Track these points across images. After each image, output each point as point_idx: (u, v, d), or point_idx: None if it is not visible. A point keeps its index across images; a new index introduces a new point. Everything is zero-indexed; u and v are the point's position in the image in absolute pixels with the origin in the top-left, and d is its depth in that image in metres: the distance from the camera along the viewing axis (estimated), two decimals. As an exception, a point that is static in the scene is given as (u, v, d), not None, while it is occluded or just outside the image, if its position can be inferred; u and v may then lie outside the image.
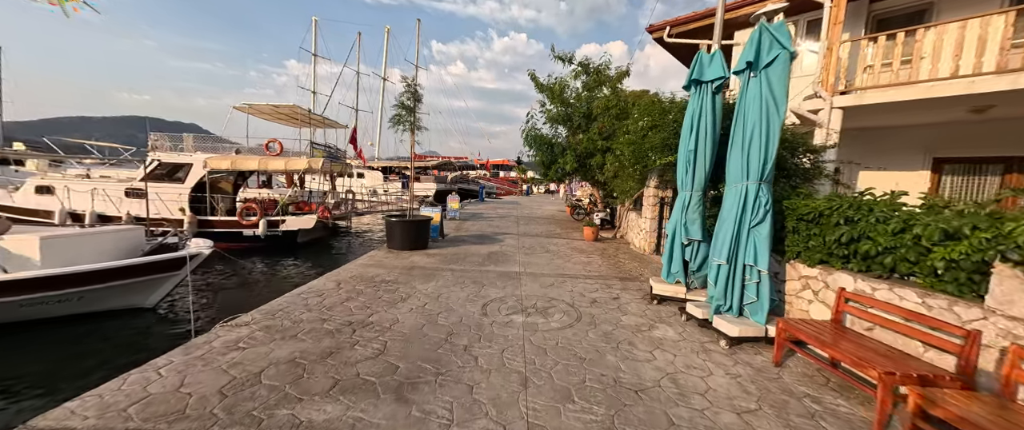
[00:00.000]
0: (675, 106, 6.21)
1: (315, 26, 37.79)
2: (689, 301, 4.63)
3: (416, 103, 7.66)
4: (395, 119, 7.58)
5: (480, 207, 19.84)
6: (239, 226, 10.36)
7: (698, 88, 4.73)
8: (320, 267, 9.61)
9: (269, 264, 9.77)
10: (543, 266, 6.88)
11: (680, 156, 4.98)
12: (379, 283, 5.32)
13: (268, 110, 14.70)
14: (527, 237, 10.33)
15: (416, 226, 7.88)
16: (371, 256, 7.09)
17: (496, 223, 13.13)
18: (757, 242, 3.65)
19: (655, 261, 7.66)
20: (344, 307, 4.28)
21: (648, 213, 8.43)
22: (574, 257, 7.85)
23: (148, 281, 5.62)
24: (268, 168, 10.95)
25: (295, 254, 10.77)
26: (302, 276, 8.55)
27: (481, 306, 4.56)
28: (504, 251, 8.16)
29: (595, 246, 9.35)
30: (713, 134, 4.68)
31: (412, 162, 8.15)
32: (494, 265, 6.79)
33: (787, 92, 3.59)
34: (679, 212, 4.90)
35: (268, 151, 14.07)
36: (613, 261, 7.58)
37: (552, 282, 5.80)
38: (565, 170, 13.79)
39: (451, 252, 7.77)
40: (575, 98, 12.64)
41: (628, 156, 6.88)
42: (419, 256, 7.26)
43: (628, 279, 6.19)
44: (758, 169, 3.68)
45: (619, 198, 11.93)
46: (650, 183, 8.29)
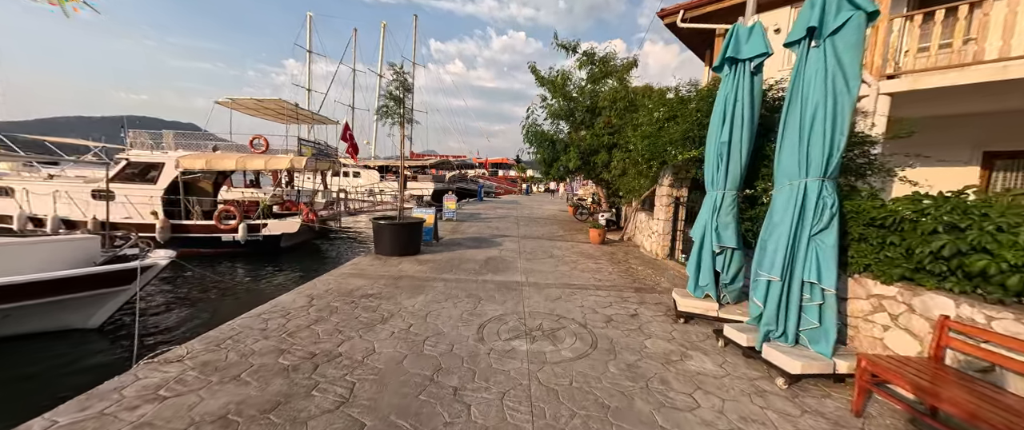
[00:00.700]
0: (699, 93, 5.47)
1: (310, 22, 36.96)
2: (724, 321, 3.90)
3: (406, 94, 6.89)
4: (382, 111, 6.81)
5: (478, 207, 19.09)
6: (216, 231, 9.59)
7: (733, 68, 3.99)
8: (304, 274, 8.86)
9: (248, 272, 9.01)
10: (547, 274, 6.15)
11: (709, 150, 4.24)
12: (359, 298, 4.57)
13: (252, 105, 13.92)
14: (528, 240, 9.59)
15: (406, 229, 7.13)
16: (354, 264, 6.34)
17: (495, 224, 12.39)
18: (820, 254, 2.92)
19: (670, 267, 6.94)
20: (310, 332, 3.53)
21: (661, 214, 7.70)
22: (581, 263, 7.11)
23: (90, 298, 4.86)
24: (247, 166, 10.18)
25: (278, 260, 10.01)
26: (280, 286, 7.78)
27: (477, 328, 3.82)
28: (504, 256, 7.42)
29: (602, 250, 8.62)
30: (750, 123, 3.95)
31: (402, 159, 7.38)
32: (493, 274, 6.05)
33: (861, 64, 2.85)
34: (709, 214, 4.16)
35: (252, 148, 13.30)
36: (624, 268, 6.85)
37: (559, 295, 5.06)
38: (568, 168, 13.07)
39: (445, 258, 7.02)
40: (578, 92, 11.91)
41: (642, 151, 6.14)
42: (409, 263, 6.52)
43: (644, 290, 5.45)
44: (821, 163, 2.94)
45: (625, 197, 11.21)
46: (664, 181, 7.56)
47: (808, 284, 2.97)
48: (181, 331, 5.62)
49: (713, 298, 4.20)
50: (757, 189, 4.25)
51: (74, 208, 9.29)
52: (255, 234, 9.84)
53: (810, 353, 2.96)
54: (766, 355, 3.08)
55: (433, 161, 33.43)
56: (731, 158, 4.01)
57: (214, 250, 9.95)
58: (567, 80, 10.25)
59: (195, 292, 7.55)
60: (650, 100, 8.68)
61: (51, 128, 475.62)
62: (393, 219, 7.43)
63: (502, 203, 23.07)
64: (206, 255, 9.95)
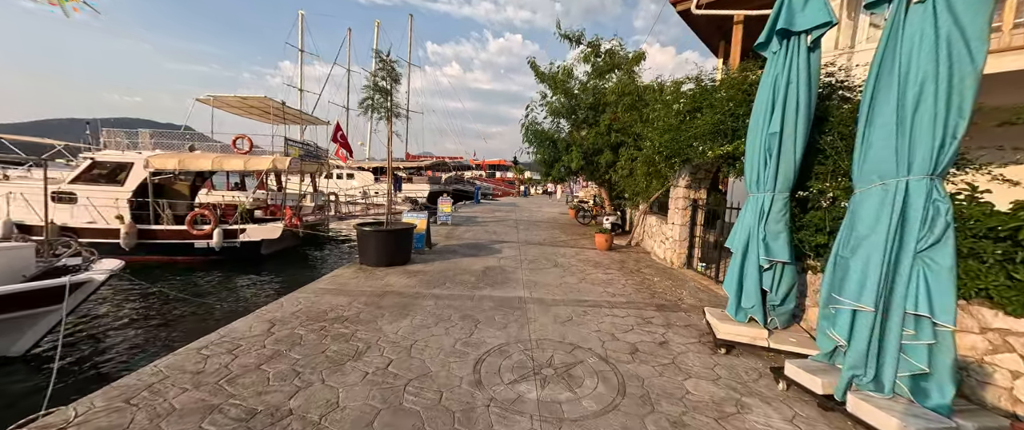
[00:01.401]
0: (729, 80, 4.76)
1: (302, 21, 36.18)
2: (778, 352, 3.17)
3: (394, 86, 6.14)
4: (366, 104, 6.05)
5: (475, 210, 18.33)
6: (189, 236, 8.77)
7: (785, 43, 3.28)
8: (282, 286, 8.06)
9: (219, 283, 8.18)
10: (554, 288, 5.40)
11: (751, 143, 3.52)
12: (331, 322, 3.80)
13: (235, 102, 13.10)
14: (529, 246, 8.84)
15: (394, 237, 6.36)
16: (334, 277, 5.55)
17: (493, 229, 11.63)
18: (931, 277, 2.19)
19: (689, 278, 6.21)
20: (259, 376, 2.76)
21: (677, 218, 6.97)
22: (589, 273, 6.37)
23: (9, 321, 4.05)
24: (224, 167, 9.38)
25: (258, 269, 9.19)
26: (250, 303, 6.93)
27: (473, 365, 3.06)
28: (503, 266, 6.66)
29: (610, 257, 7.88)
30: (807, 109, 3.24)
31: (390, 159, 6.62)
32: (491, 288, 5.29)
33: (989, 23, 2.13)
34: (754, 221, 3.43)
35: (235, 148, 12.50)
36: (638, 279, 6.11)
37: (569, 315, 4.31)
38: (570, 169, 12.36)
39: (438, 269, 6.25)
40: (580, 89, 11.24)
41: (660, 148, 5.42)
42: (397, 275, 5.74)
43: (667, 307, 4.71)
44: (930, 155, 2.21)
45: (632, 199, 10.51)
46: (679, 182, 6.84)
47: (913, 317, 2.24)
48: (113, 363, 4.76)
49: (759, 323, 3.47)
50: (811, 191, 3.53)
51: (31, 212, 8.45)
52: (232, 240, 9.03)
53: (919, 409, 2.22)
54: (854, 409, 2.34)
55: (429, 162, 32.61)
56: (783, 153, 3.29)
57: (187, 258, 9.13)
58: (569, 75, 9.52)
59: (153, 309, 6.66)
60: (663, 93, 8.01)
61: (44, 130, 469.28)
62: (380, 225, 6.66)
63: (500, 205, 22.32)
64: (179, 263, 9.13)
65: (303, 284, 5.40)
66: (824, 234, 3.43)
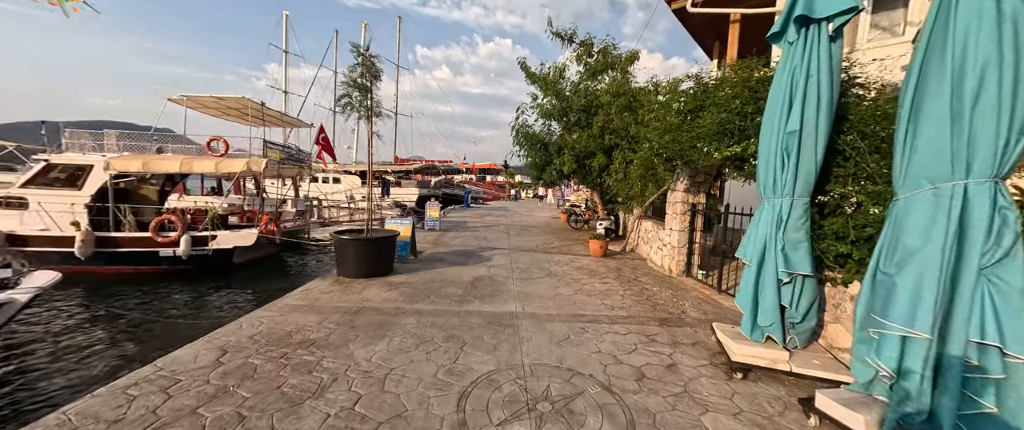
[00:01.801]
0: (735, 76, 4.44)
1: (286, 21, 35.37)
2: (802, 378, 2.81)
3: (374, 82, 5.69)
4: (344, 102, 5.59)
5: (465, 214, 17.86)
6: (153, 244, 8.11)
7: (803, 32, 2.95)
8: (254, 298, 7.46)
9: (187, 295, 7.54)
10: (548, 301, 4.98)
11: (764, 144, 3.19)
12: (294, 348, 3.31)
13: (211, 103, 12.42)
14: (521, 253, 8.43)
15: (375, 246, 5.87)
16: (306, 291, 5.04)
17: (483, 234, 11.18)
18: (998, 299, 1.85)
19: (689, 287, 5.87)
20: (193, 422, 2.27)
21: (675, 224, 6.65)
22: (585, 282, 5.98)
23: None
24: (193, 169, 8.75)
25: (230, 279, 8.56)
26: (213, 320, 6.33)
27: (457, 401, 2.62)
28: (494, 275, 6.23)
29: (605, 265, 7.52)
30: (829, 105, 2.92)
31: (370, 162, 6.14)
32: (480, 302, 4.85)
33: (1064, -1, 1.82)
34: (771, 229, 3.09)
35: (210, 151, 11.84)
36: (637, 289, 5.74)
37: (566, 332, 3.90)
38: (561, 172, 12.03)
39: (422, 280, 5.79)
40: (572, 90, 10.94)
41: (662, 148, 5.09)
42: (377, 288, 5.26)
43: (671, 322, 4.34)
44: (993, 155, 1.88)
45: (626, 204, 10.21)
46: (677, 185, 6.53)
47: (977, 346, 1.89)
48: (18, 407, 4.07)
49: (778, 342, 3.11)
50: (832, 195, 3.21)
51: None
52: (202, 248, 8.39)
53: (987, 457, 1.87)
54: (907, 455, 1.98)
55: (417, 166, 32.00)
56: (802, 154, 2.95)
57: (152, 267, 8.45)
58: (561, 76, 9.19)
59: (99, 329, 5.93)
60: (660, 93, 7.72)
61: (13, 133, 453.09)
62: (359, 233, 6.17)
63: (490, 210, 21.89)
64: (143, 273, 8.44)
65: (277, 296, 4.89)
66: (846, 243, 3.10)
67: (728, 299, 5.19)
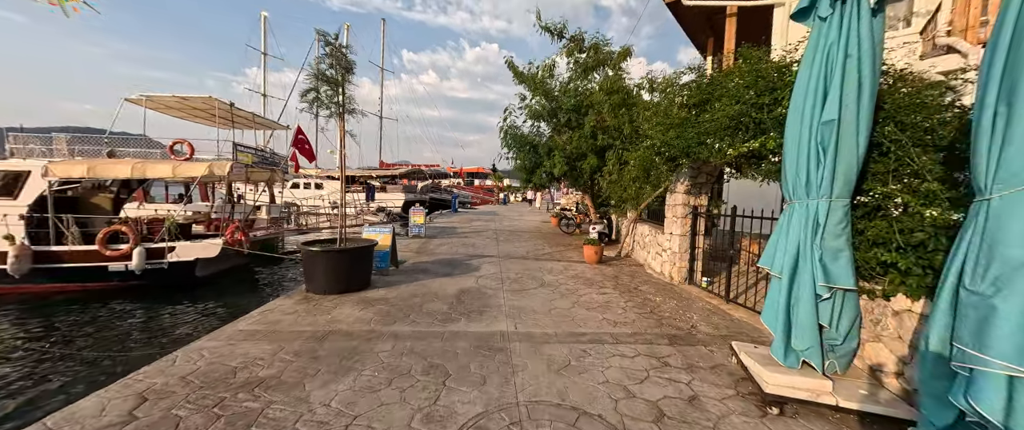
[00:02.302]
0: (746, 66, 4.03)
1: (264, 23, 34.22)
2: (855, 413, 2.36)
3: (346, 76, 5.10)
4: (310, 97, 4.98)
5: (453, 220, 17.24)
6: (101, 258, 7.26)
7: (840, 5, 2.53)
8: (216, 317, 6.70)
9: (140, 316, 6.72)
10: (543, 316, 4.46)
11: (791, 137, 2.76)
12: (236, 391, 2.69)
13: (175, 103, 11.53)
14: (511, 261, 7.89)
15: (348, 258, 5.26)
16: (266, 312, 4.39)
17: (471, 241, 10.61)
18: None
19: (694, 296, 5.44)
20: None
21: (676, 228, 6.23)
22: (582, 293, 5.48)
23: None
24: (147, 174, 7.93)
25: (191, 295, 7.75)
26: (155, 347, 5.56)
27: (435, 461, 2.06)
28: (482, 288, 5.67)
29: (602, 272, 7.05)
30: (872, 88, 2.50)
31: (342, 162, 5.51)
32: (467, 319, 4.29)
33: None
34: (805, 236, 2.64)
35: (173, 154, 10.98)
36: (638, 299, 5.27)
37: (566, 357, 3.38)
38: (552, 174, 11.58)
39: (403, 294, 5.19)
40: (561, 90, 10.54)
41: (665, 145, 4.64)
42: (350, 306, 4.64)
43: (682, 339, 3.87)
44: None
45: (619, 207, 9.81)
46: (677, 187, 6.12)
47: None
48: None
49: (816, 368, 2.66)
50: (873, 195, 2.79)
51: None
52: (157, 261, 7.57)
53: None
54: None
55: (404, 171, 31.16)
56: (841, 146, 2.52)
57: (100, 284, 7.58)
58: (550, 73, 8.75)
59: (12, 362, 5.00)
60: (656, 89, 7.35)
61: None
62: (331, 243, 5.54)
63: (478, 214, 21.31)
64: (91, 291, 7.57)
65: (242, 313, 4.23)
66: (890, 250, 2.68)
67: (738, 309, 4.76)
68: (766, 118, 3.44)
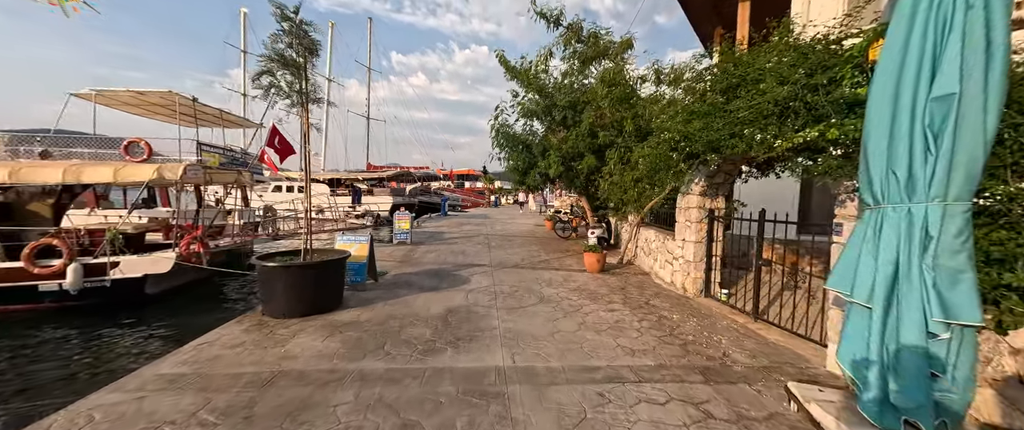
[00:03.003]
0: (781, 42, 3.35)
1: (244, 20, 32.93)
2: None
3: (308, 58, 4.30)
4: (266, 83, 4.16)
5: (442, 224, 16.40)
6: (28, 276, 6.25)
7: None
8: (159, 346, 5.76)
9: (69, 347, 5.72)
10: (546, 343, 3.71)
11: (878, 122, 2.10)
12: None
13: (129, 98, 10.48)
14: (505, 270, 7.14)
15: (314, 275, 4.43)
16: (201, 347, 3.53)
17: (460, 247, 9.83)
18: None
19: (714, 312, 4.77)
20: None
21: (689, 234, 5.56)
22: (588, 310, 4.76)
23: None
24: (81, 179, 6.92)
25: (140, 315, 6.76)
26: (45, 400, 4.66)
27: None
28: (472, 305, 4.90)
29: (606, 282, 6.35)
30: (1004, 51, 1.83)
31: (307, 162, 4.69)
32: (454, 350, 3.51)
33: None
34: (906, 250, 1.97)
35: (127, 155, 9.92)
36: (653, 316, 4.57)
37: (580, 406, 2.64)
38: (547, 176, 10.88)
39: (379, 316, 4.39)
40: (555, 86, 9.86)
41: (688, 138, 3.95)
42: (311, 334, 3.82)
43: (717, 373, 3.16)
44: None
45: (620, 210, 9.15)
46: (692, 188, 5.45)
47: None
48: None
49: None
50: (992, 197, 2.12)
51: None
52: (99, 278, 6.58)
53: None
54: None
55: (391, 173, 30.11)
56: (962, 130, 1.85)
57: (27, 306, 6.56)
58: (545, 65, 8.04)
59: None
60: (664, 80, 6.71)
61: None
62: (294, 256, 4.70)
63: (469, 218, 20.49)
64: (14, 314, 6.53)
65: (191, 338, 3.38)
66: (1013, 269, 2.02)
67: (770, 329, 4.10)
68: (822, 101, 2.77)
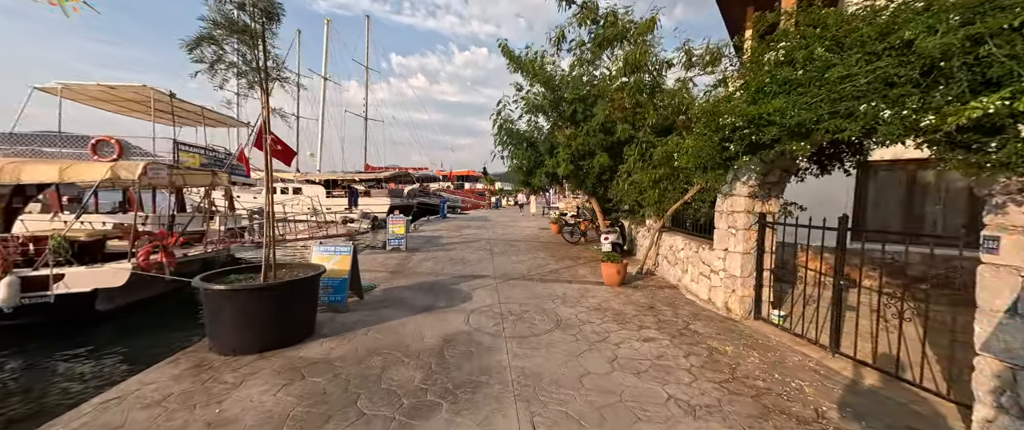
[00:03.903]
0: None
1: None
2: None
3: (267, 23, 3.39)
4: (207, 53, 3.24)
5: (440, 227, 15.46)
6: (-49, 293, 5.32)
7: None
8: (103, 375, 4.82)
9: (6, 368, 4.79)
10: (572, 395, 2.78)
11: None
12: None
13: (100, 93, 9.60)
14: (512, 283, 6.21)
15: (274, 300, 3.50)
16: (110, 403, 2.61)
17: (460, 255, 8.90)
18: None
19: (775, 341, 3.84)
20: None
21: (735, 242, 4.63)
22: (619, 340, 3.83)
23: None
24: (21, 178, 6.01)
25: (89, 336, 5.84)
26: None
27: None
28: (475, 332, 3.98)
29: (630, 299, 5.42)
30: None
31: (268, 157, 3.74)
32: (451, 406, 2.59)
33: None
34: None
35: (95, 154, 9.04)
36: (702, 350, 3.64)
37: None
38: (556, 175, 9.96)
39: (356, 351, 3.46)
40: (561, 80, 8.99)
41: (764, 121, 3.01)
42: (263, 381, 2.90)
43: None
44: None
45: (639, 213, 8.23)
46: (736, 188, 4.53)
47: None
48: None
49: None
50: None
51: None
52: (40, 294, 5.66)
53: None
54: None
55: (389, 174, 29.21)
56: None
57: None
58: (559, 45, 7.14)
59: None
60: (697, 64, 5.80)
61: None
62: (252, 276, 3.77)
63: (470, 221, 19.56)
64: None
65: (147, 365, 2.49)
66: None
67: (867, 372, 3.16)
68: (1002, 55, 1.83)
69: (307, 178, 27.27)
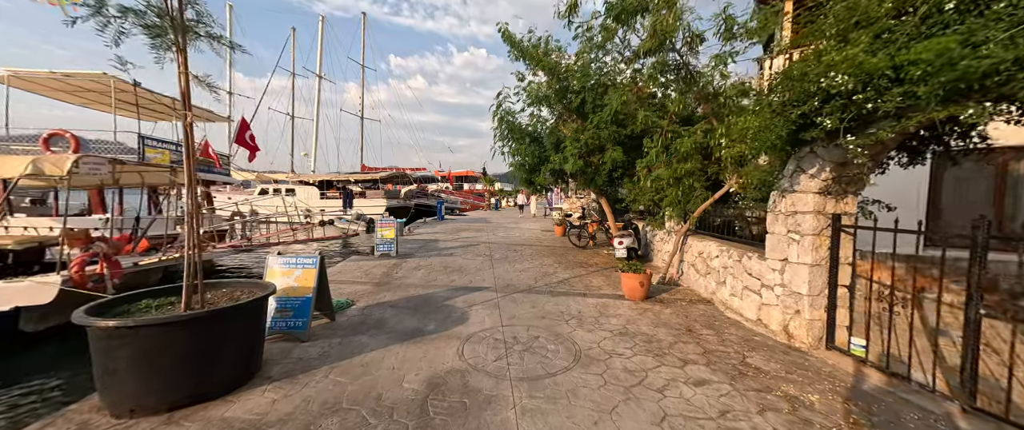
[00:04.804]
0: None
1: (230, 13, 31.15)
2: None
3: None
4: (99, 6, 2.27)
5: (437, 230, 14.47)
6: None
7: None
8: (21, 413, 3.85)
9: None
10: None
11: None
12: None
13: (54, 82, 8.67)
14: (516, 297, 5.23)
15: (190, 336, 2.52)
16: None
17: (457, 262, 7.94)
18: None
19: (869, 382, 2.88)
20: None
21: (799, 252, 3.67)
22: (661, 383, 2.86)
23: None
24: None
25: (11, 362, 4.86)
26: None
27: None
28: (469, 372, 3.01)
29: (661, 318, 4.45)
30: None
31: (189, 144, 2.80)
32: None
33: None
34: None
35: (48, 150, 8.13)
36: (783, 401, 2.67)
37: None
38: (563, 172, 9.01)
39: (307, 406, 2.49)
40: (566, 70, 8.11)
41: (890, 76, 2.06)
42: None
43: None
44: None
45: (659, 214, 7.29)
46: (800, 182, 3.58)
47: None
48: None
49: None
50: None
51: None
52: (-51, 315, 4.69)
53: None
54: None
55: (385, 174, 28.24)
56: None
57: None
58: (570, 16, 6.22)
59: None
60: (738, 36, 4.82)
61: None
62: (170, 299, 2.81)
63: (468, 222, 18.57)
64: None
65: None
66: None
67: None
68: None
69: (301, 179, 26.37)
